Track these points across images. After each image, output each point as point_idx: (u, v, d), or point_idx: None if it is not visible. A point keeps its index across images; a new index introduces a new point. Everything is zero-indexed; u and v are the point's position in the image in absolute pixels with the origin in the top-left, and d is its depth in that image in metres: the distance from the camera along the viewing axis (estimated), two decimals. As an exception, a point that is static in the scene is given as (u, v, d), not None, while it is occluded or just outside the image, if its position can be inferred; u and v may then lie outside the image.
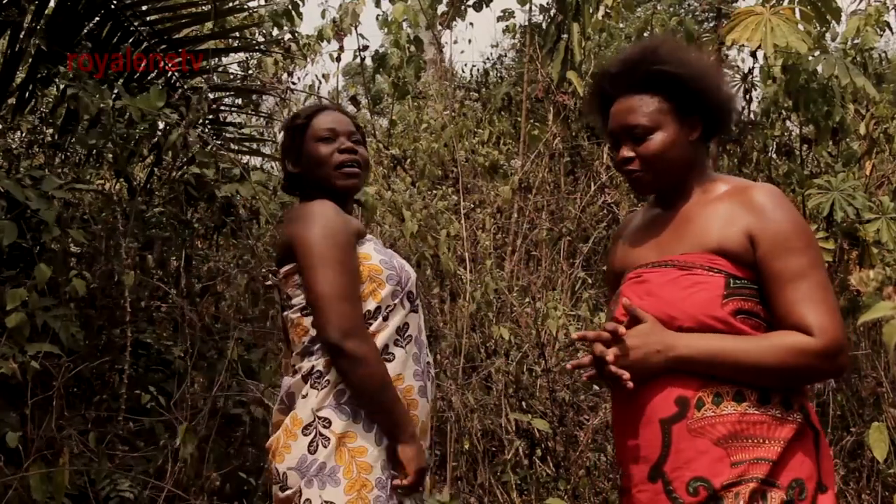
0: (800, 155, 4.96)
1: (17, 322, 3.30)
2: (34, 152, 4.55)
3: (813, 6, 4.38)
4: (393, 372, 2.18)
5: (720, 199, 1.98)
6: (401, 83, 6.45)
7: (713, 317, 1.86)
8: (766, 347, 1.83)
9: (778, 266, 1.86)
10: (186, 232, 4.47)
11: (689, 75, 1.99)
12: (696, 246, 1.94)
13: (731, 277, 1.87)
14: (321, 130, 2.37)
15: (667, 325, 1.90)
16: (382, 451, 2.14)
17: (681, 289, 1.90)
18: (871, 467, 3.88)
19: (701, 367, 1.84)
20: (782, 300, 1.85)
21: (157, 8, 4.70)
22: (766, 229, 1.88)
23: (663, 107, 1.99)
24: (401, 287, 2.23)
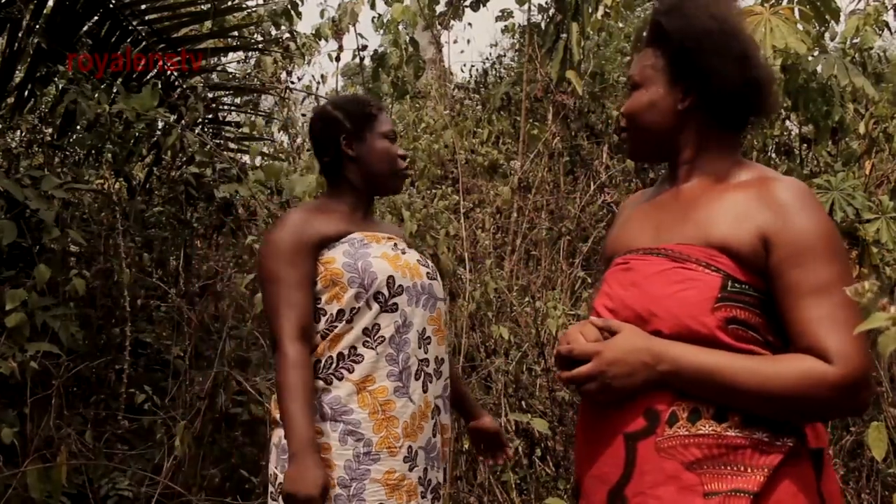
0: (799, 154, 4.97)
1: (16, 322, 3.30)
2: (34, 152, 4.54)
3: (812, 6, 4.39)
4: (361, 374, 2.21)
5: (736, 189, 1.67)
6: (400, 83, 6.45)
7: (698, 322, 1.55)
8: (773, 372, 1.51)
9: (796, 276, 1.54)
10: (186, 232, 4.47)
11: (686, 31, 1.70)
12: (696, 237, 1.64)
13: (729, 279, 1.57)
14: (388, 129, 2.43)
15: (643, 326, 1.61)
16: (348, 449, 2.16)
17: (668, 283, 1.61)
18: (871, 467, 3.88)
19: (691, 386, 1.55)
20: (797, 317, 1.53)
21: (156, 7, 4.71)
22: (786, 231, 1.56)
23: (657, 63, 1.74)
24: (364, 289, 2.23)
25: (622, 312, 1.65)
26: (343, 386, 2.20)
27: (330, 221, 2.33)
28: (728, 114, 1.73)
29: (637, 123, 1.77)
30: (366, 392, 2.20)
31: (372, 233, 2.38)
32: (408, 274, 2.32)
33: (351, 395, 2.20)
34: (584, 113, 6.35)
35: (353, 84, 8.03)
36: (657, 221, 1.76)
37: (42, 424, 3.54)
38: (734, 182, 1.69)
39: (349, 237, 2.32)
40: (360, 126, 2.41)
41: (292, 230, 2.27)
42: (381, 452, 2.19)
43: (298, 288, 2.21)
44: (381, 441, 2.19)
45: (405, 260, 2.37)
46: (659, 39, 1.75)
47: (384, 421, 2.20)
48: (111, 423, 3.89)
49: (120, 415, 3.85)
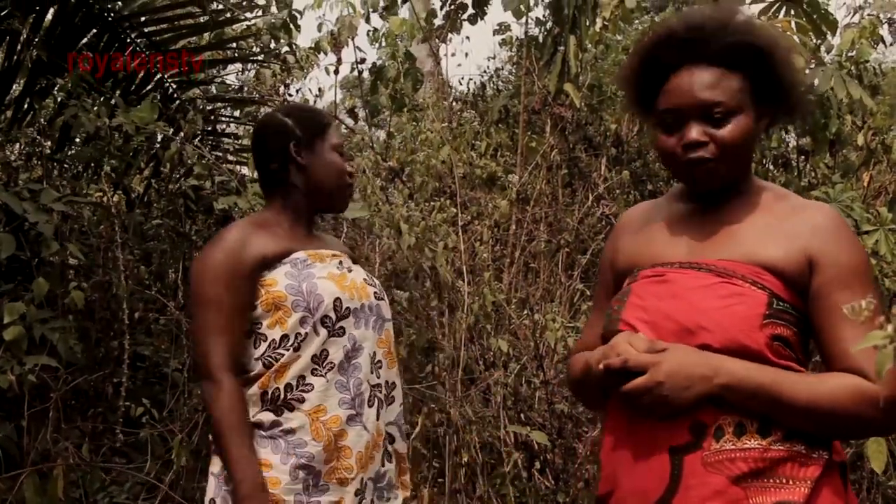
0: (797, 166, 4.98)
1: (14, 335, 3.30)
2: (33, 165, 4.55)
3: (809, 19, 4.40)
4: (312, 404, 2.11)
5: (772, 209, 1.70)
6: (398, 96, 6.47)
7: (749, 337, 1.57)
8: (823, 389, 1.54)
9: (840, 299, 1.57)
10: (184, 244, 4.47)
11: (776, 55, 1.68)
12: (741, 254, 1.65)
13: (774, 297, 1.60)
14: (338, 142, 2.32)
15: (688, 341, 1.59)
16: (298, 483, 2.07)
17: (716, 296, 1.61)
18: (871, 479, 3.87)
19: (746, 400, 1.55)
20: (840, 338, 1.58)
21: (155, 20, 4.72)
22: (833, 256, 1.61)
23: (745, 86, 1.67)
24: (310, 313, 2.11)
25: (663, 324, 1.63)
26: (295, 418, 2.09)
27: (270, 239, 2.19)
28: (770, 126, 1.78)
29: (736, 151, 1.68)
30: (319, 423, 2.10)
31: (315, 250, 2.26)
32: (355, 295, 2.21)
33: (304, 426, 2.09)
34: (581, 125, 6.36)
35: (351, 97, 8.05)
36: (690, 237, 1.74)
37: (39, 437, 3.53)
38: (766, 201, 1.72)
39: (292, 257, 2.19)
40: (311, 134, 2.29)
41: (229, 250, 2.12)
42: (329, 483, 2.10)
43: (232, 314, 2.09)
44: (329, 471, 2.11)
45: (352, 279, 2.25)
46: (737, 61, 1.67)
47: (335, 451, 2.12)
48: (109, 436, 3.88)
49: (118, 428, 3.84)
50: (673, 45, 1.69)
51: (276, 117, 2.34)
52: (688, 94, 1.66)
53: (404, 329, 4.59)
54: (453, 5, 6.79)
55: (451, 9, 6.79)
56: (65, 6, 4.37)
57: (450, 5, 6.80)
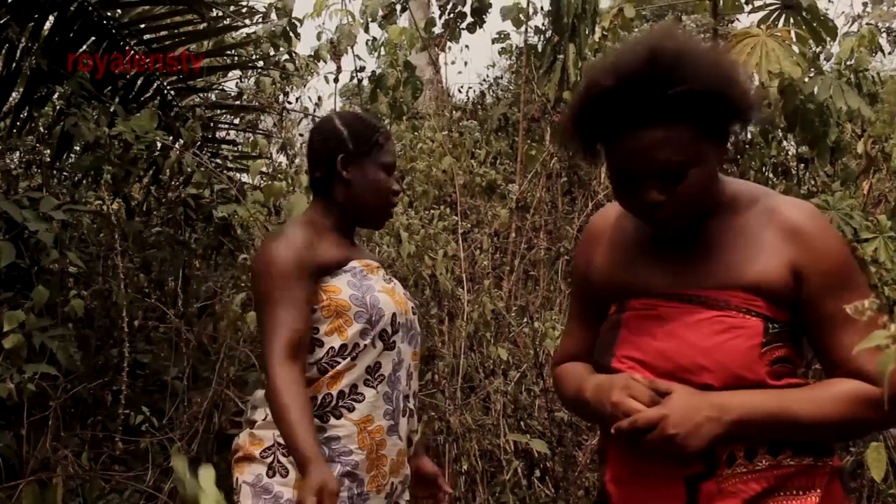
0: (797, 174, 4.98)
1: (14, 343, 3.29)
2: (32, 173, 4.55)
3: (809, 27, 4.41)
4: (361, 413, 2.12)
5: (749, 220, 1.64)
6: (398, 104, 6.47)
7: (751, 371, 1.56)
8: (827, 400, 1.56)
9: (831, 306, 1.55)
10: (184, 252, 4.46)
11: (723, 91, 1.54)
12: (728, 280, 1.60)
13: (769, 322, 1.58)
14: (389, 160, 2.29)
15: (687, 381, 1.58)
16: (343, 491, 2.06)
17: (713, 333, 1.58)
18: (872, 487, 3.86)
19: (757, 431, 1.55)
20: (836, 344, 1.58)
21: (154, 27, 4.72)
22: (817, 263, 1.58)
23: (696, 133, 1.54)
24: (371, 325, 2.13)
25: (661, 364, 1.61)
26: (343, 425, 2.11)
27: (329, 246, 2.20)
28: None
29: (703, 199, 1.60)
30: (365, 433, 2.13)
31: (366, 261, 2.27)
32: (403, 309, 2.24)
33: (351, 435, 2.11)
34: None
35: (350, 105, 8.05)
36: (671, 261, 1.67)
37: (39, 446, 3.53)
38: (742, 212, 1.65)
39: (350, 265, 2.20)
40: (361, 150, 2.26)
41: (297, 248, 2.12)
42: (370, 493, 2.13)
43: (295, 308, 2.07)
44: (371, 480, 2.13)
45: (398, 294, 2.27)
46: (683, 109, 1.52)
47: (376, 460, 2.14)
48: (108, 445, 3.87)
49: (117, 436, 3.83)
50: (609, 107, 1.55)
51: (333, 124, 2.32)
52: (638, 158, 1.54)
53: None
54: (452, 14, 6.81)
55: (450, 18, 6.80)
56: (64, 14, 4.38)
57: (449, 14, 6.82)
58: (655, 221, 1.62)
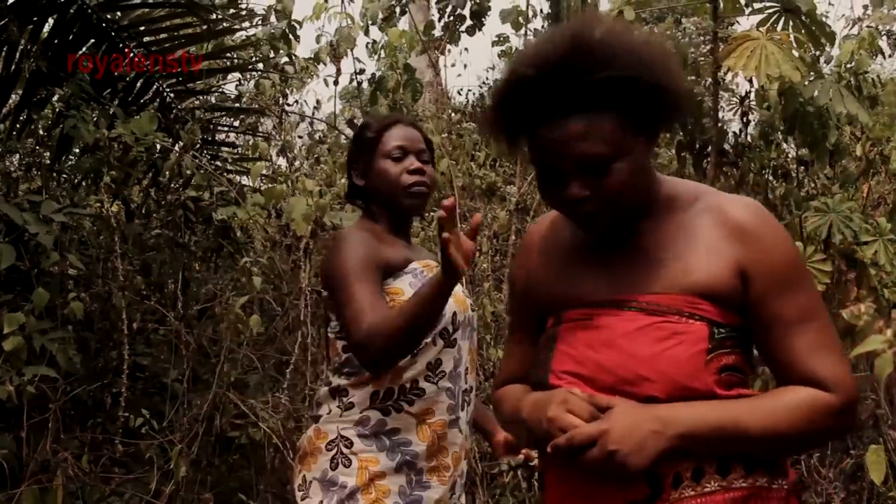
0: (796, 177, 4.98)
1: (14, 345, 3.29)
2: (32, 175, 4.55)
3: (807, 30, 4.41)
4: (421, 407, 2.18)
5: (690, 219, 1.53)
6: (398, 106, 6.46)
7: (696, 380, 1.43)
8: (780, 410, 1.43)
9: (779, 307, 1.46)
10: (184, 255, 4.46)
11: (651, 79, 1.43)
12: (671, 284, 1.48)
13: (714, 326, 1.46)
14: (392, 148, 2.31)
15: (630, 393, 1.44)
16: (402, 476, 2.16)
17: (653, 341, 1.44)
18: (871, 490, 3.86)
19: (705, 445, 1.42)
20: (786, 348, 1.46)
21: (153, 29, 4.72)
22: (764, 262, 1.47)
23: (621, 124, 1.43)
24: None
25: (600, 377, 1.47)
26: (402, 418, 2.17)
27: (390, 248, 2.23)
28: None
29: (631, 193, 1.48)
30: (425, 425, 2.19)
31: (425, 261, 2.30)
32: (462, 308, 2.27)
33: (410, 427, 2.18)
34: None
35: (350, 107, 8.05)
36: (611, 267, 1.55)
37: (39, 448, 3.52)
38: (684, 208, 1.54)
39: (411, 267, 2.24)
40: (363, 152, 2.35)
41: (367, 244, 2.17)
42: (431, 481, 2.19)
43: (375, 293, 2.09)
44: (431, 469, 2.19)
45: (456, 293, 2.24)
46: (608, 98, 1.41)
47: (437, 451, 2.20)
48: (108, 447, 3.87)
49: (117, 439, 3.83)
50: (529, 97, 1.44)
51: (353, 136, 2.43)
52: (558, 151, 1.44)
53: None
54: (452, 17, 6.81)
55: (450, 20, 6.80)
56: (63, 16, 4.38)
57: (448, 17, 6.82)
58: (582, 219, 1.51)
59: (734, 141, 4.95)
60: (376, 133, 2.35)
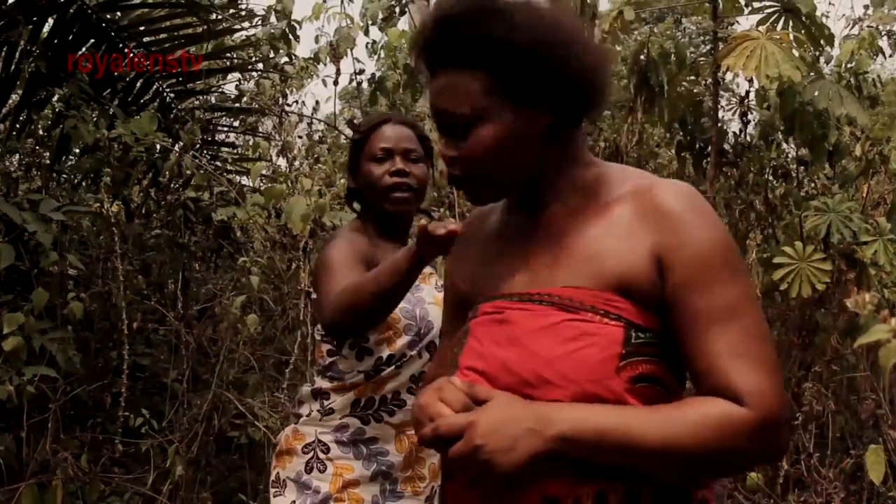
0: (796, 177, 4.98)
1: (13, 345, 3.29)
2: (32, 175, 4.55)
3: (807, 31, 4.41)
4: (400, 419, 2.18)
5: (615, 204, 1.34)
6: (398, 106, 6.46)
7: (603, 387, 1.24)
8: (682, 423, 1.20)
9: (696, 302, 1.24)
10: (184, 255, 4.46)
11: (526, 42, 1.30)
12: (585, 276, 1.30)
13: (633, 328, 1.26)
14: (376, 149, 2.27)
15: (531, 397, 1.25)
16: (376, 486, 2.15)
17: (560, 340, 1.26)
18: (871, 490, 3.86)
19: (591, 453, 1.21)
20: (701, 351, 1.23)
21: (153, 30, 4.72)
22: (682, 249, 1.26)
23: (490, 87, 1.31)
24: (419, 337, 2.18)
25: (502, 378, 1.30)
26: (381, 428, 2.17)
27: (382, 251, 2.20)
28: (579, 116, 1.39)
29: (495, 164, 1.34)
30: (404, 436, 2.19)
31: None
32: None
33: (388, 437, 2.18)
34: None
35: (350, 107, 8.05)
36: (525, 257, 1.39)
37: (38, 448, 3.53)
38: (609, 194, 1.36)
39: None
40: (354, 156, 2.33)
41: (354, 242, 2.17)
42: (405, 491, 2.19)
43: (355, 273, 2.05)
44: (406, 480, 2.19)
45: None
46: (479, 58, 1.31)
47: (414, 462, 2.20)
48: (108, 447, 3.87)
49: (116, 438, 3.83)
50: (421, 47, 1.38)
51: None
52: (431, 106, 1.38)
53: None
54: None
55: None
56: (63, 16, 4.38)
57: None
58: (455, 183, 1.41)
59: (734, 141, 4.95)
60: (363, 134, 2.32)
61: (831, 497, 3.72)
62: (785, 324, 4.70)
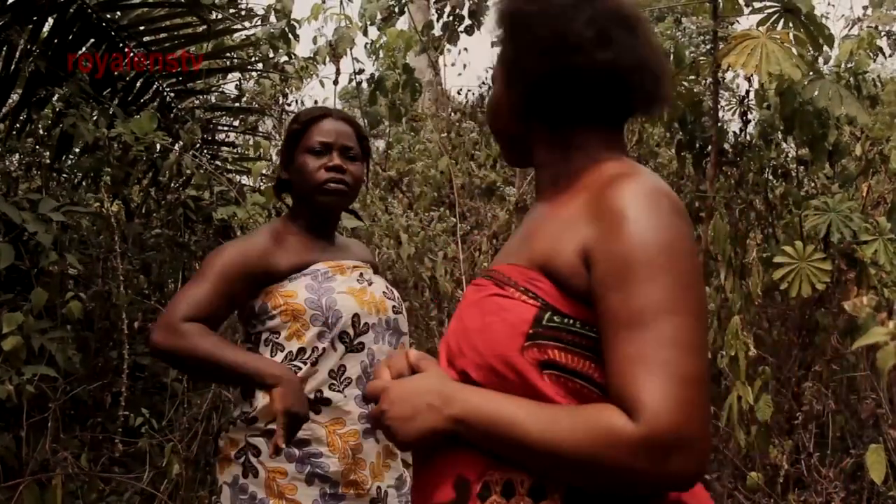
0: (796, 176, 4.98)
1: (13, 345, 3.29)
2: (32, 175, 4.55)
3: (806, 31, 4.40)
4: (330, 417, 2.13)
5: (576, 194, 1.31)
6: (397, 106, 6.47)
7: (504, 363, 1.21)
8: (567, 426, 1.14)
9: (611, 301, 1.16)
10: (184, 254, 4.46)
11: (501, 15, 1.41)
12: (523, 256, 1.30)
13: (548, 310, 1.21)
14: (315, 142, 2.27)
15: (456, 364, 1.29)
16: (314, 489, 2.10)
17: (482, 314, 1.28)
18: (872, 489, 3.86)
19: (482, 439, 1.20)
20: (609, 353, 1.16)
21: (153, 29, 4.72)
22: (608, 245, 1.19)
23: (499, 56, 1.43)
24: (328, 328, 2.13)
25: (447, 348, 1.34)
26: (311, 429, 2.11)
27: (290, 252, 2.21)
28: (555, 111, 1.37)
29: (490, 121, 1.49)
30: (335, 436, 2.13)
31: (336, 262, 2.26)
32: (374, 310, 2.22)
33: (321, 439, 2.12)
34: None
35: (350, 107, 8.05)
36: (513, 238, 1.44)
37: (38, 447, 3.53)
38: (583, 185, 1.32)
39: (312, 268, 2.20)
40: (290, 146, 2.32)
41: (245, 250, 2.18)
42: (347, 493, 2.13)
43: (214, 298, 2.10)
44: (347, 484, 2.13)
45: (371, 293, 2.25)
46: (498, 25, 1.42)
47: (353, 465, 2.14)
48: (107, 446, 3.87)
49: (116, 438, 3.83)
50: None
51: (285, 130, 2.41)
52: None
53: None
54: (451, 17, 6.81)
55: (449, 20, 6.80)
56: (63, 16, 4.37)
57: (448, 17, 6.82)
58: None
59: (734, 140, 4.95)
60: (302, 125, 2.31)
61: (831, 497, 3.72)
62: (785, 323, 4.70)
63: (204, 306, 2.09)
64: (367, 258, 2.43)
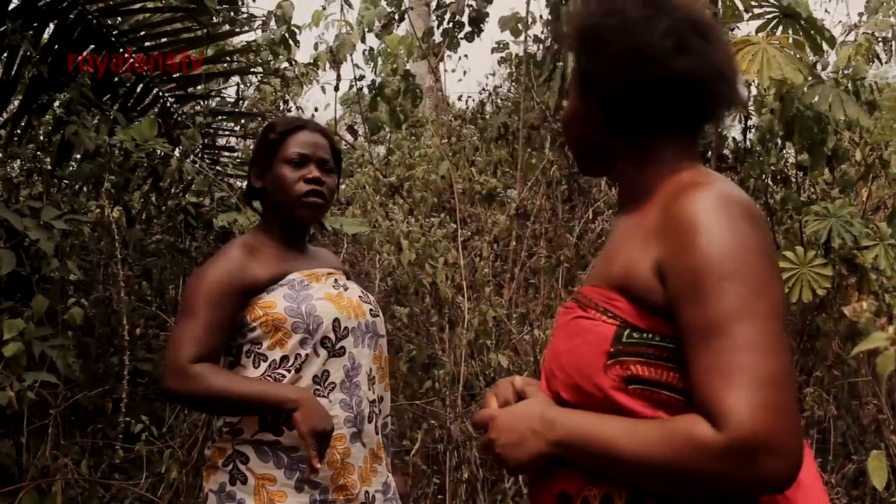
0: (796, 182, 4.99)
1: (14, 351, 3.28)
2: (33, 181, 4.55)
3: (806, 34, 4.42)
4: None
5: (650, 209, 1.34)
6: (398, 112, 6.48)
7: (591, 383, 1.28)
8: (657, 439, 1.18)
9: (688, 314, 1.20)
10: (184, 260, 4.46)
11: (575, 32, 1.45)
12: (602, 276, 1.35)
13: (627, 328, 1.26)
14: (293, 153, 2.26)
15: (551, 389, 1.38)
16: (304, 496, 2.09)
17: (568, 336, 1.35)
18: (874, 495, 3.86)
19: (583, 459, 1.27)
20: (691, 365, 1.19)
21: (153, 34, 4.73)
22: (679, 257, 1.22)
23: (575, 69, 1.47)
24: (310, 334, 2.12)
25: (545, 370, 1.43)
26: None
27: (265, 263, 2.21)
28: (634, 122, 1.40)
29: (565, 135, 1.55)
30: None
31: (311, 270, 2.26)
32: (352, 314, 2.22)
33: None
34: None
35: (350, 113, 8.06)
36: (598, 256, 1.48)
37: (38, 453, 3.52)
38: (657, 199, 1.35)
39: (288, 278, 2.20)
40: (264, 154, 2.30)
41: (226, 270, 2.16)
42: (337, 500, 2.13)
43: (212, 330, 2.10)
44: (337, 489, 2.13)
45: (348, 298, 2.26)
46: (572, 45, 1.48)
47: (342, 470, 2.14)
48: (108, 453, 3.87)
49: (117, 444, 3.83)
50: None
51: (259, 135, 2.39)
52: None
53: (404, 345, 4.59)
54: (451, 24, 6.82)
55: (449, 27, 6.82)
56: (63, 21, 4.38)
57: (448, 23, 6.83)
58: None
59: (734, 146, 4.95)
60: (279, 136, 2.30)
61: (833, 502, 3.71)
62: (786, 328, 4.71)
63: (205, 342, 2.09)
64: (337, 265, 2.44)
